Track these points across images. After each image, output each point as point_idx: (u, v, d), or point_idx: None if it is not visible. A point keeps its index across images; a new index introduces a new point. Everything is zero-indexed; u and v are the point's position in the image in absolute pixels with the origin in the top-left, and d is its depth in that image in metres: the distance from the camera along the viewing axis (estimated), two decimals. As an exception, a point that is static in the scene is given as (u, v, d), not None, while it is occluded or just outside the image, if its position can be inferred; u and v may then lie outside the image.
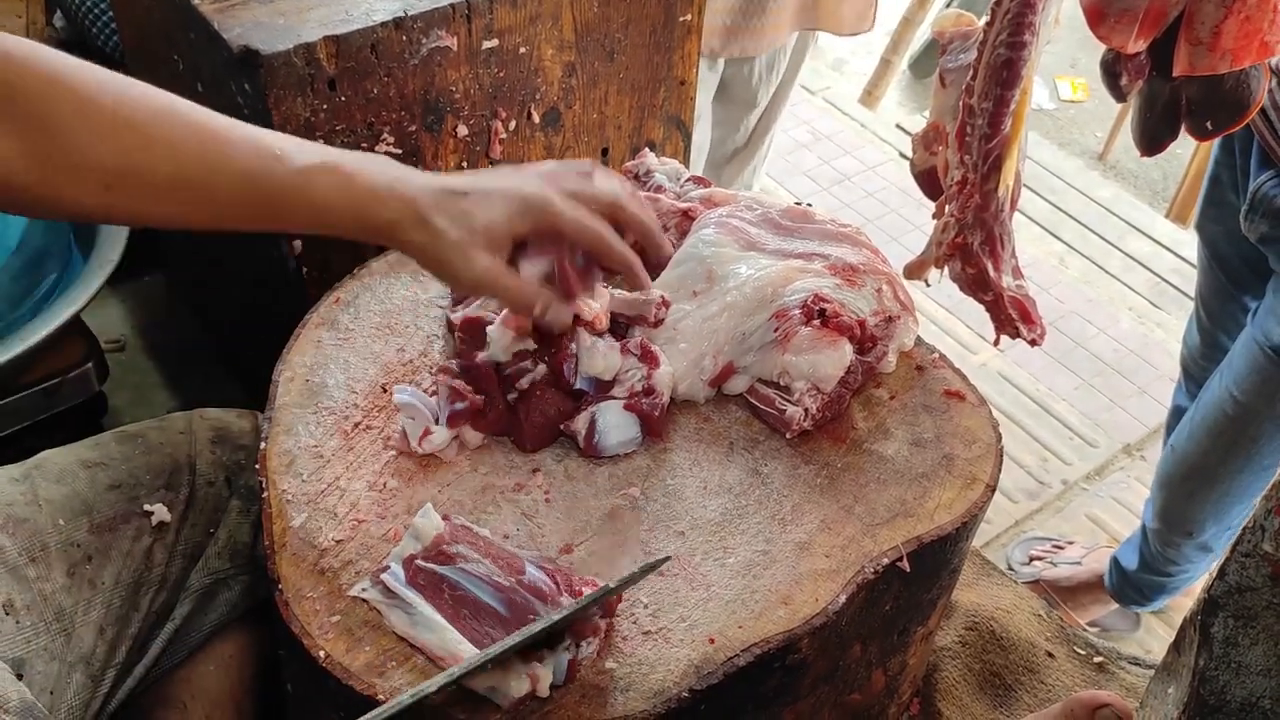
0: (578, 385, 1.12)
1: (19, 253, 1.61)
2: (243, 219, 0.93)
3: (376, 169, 0.96)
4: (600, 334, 1.13)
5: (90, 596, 1.04)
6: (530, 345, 1.11)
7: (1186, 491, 1.98)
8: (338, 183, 0.93)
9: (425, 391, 1.12)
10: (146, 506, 1.10)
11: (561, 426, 1.12)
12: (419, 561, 0.95)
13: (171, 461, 1.14)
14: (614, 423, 1.10)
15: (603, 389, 1.12)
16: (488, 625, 0.93)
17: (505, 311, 1.12)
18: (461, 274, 0.99)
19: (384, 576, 0.95)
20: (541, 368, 1.14)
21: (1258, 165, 1.66)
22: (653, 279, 1.16)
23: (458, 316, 1.17)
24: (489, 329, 1.12)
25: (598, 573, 1.00)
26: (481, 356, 1.11)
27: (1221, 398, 1.85)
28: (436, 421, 1.08)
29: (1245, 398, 1.80)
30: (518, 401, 1.11)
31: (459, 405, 1.08)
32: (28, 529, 1.04)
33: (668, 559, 0.99)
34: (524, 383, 1.11)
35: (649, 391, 1.12)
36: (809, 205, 1.30)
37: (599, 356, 1.12)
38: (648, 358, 1.13)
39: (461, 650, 0.90)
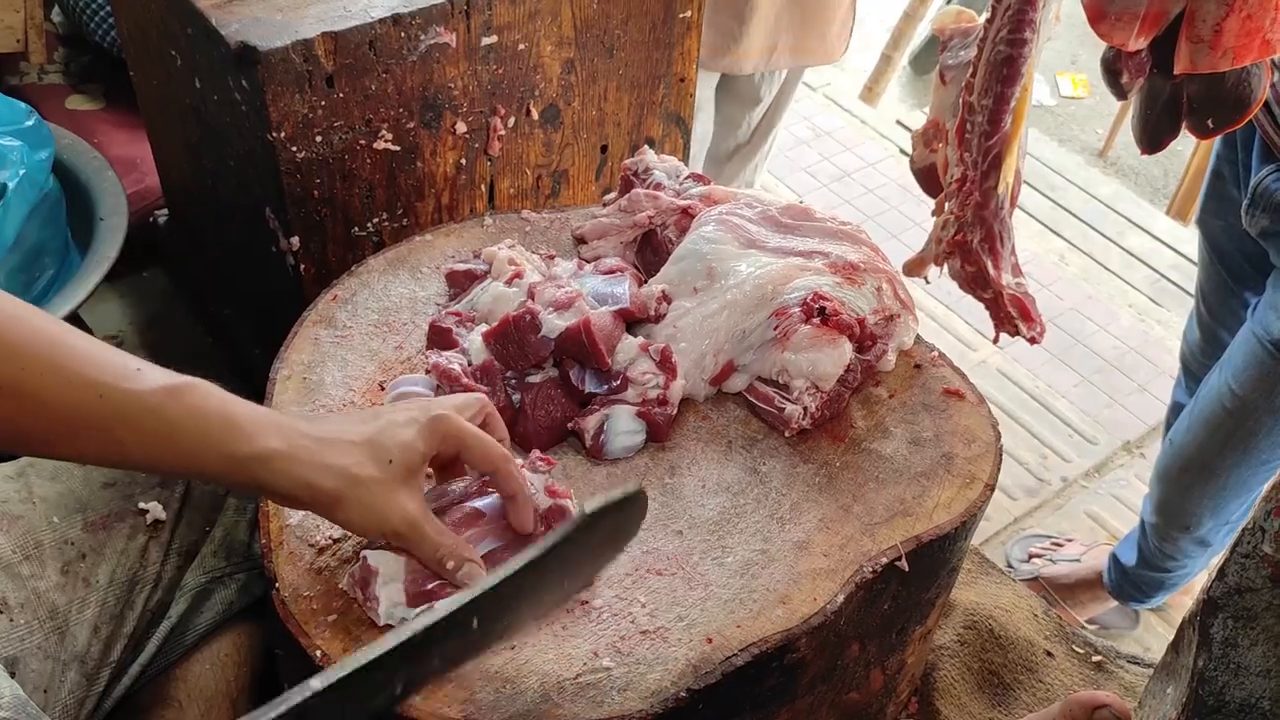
0: (588, 390, 1.12)
1: (16, 249, 1.60)
2: (87, 440, 0.83)
3: (248, 403, 0.87)
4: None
5: (85, 595, 1.04)
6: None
7: (1184, 485, 1.99)
8: (198, 403, 0.84)
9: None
10: (141, 504, 1.09)
11: (570, 424, 1.12)
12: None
13: None
14: (623, 428, 1.10)
15: (615, 390, 1.12)
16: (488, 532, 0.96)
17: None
18: (386, 520, 0.89)
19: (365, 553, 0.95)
20: (552, 370, 1.14)
21: (1259, 160, 1.66)
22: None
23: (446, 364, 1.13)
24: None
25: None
26: None
27: (1220, 391, 1.85)
28: None
29: (1243, 391, 1.80)
30: (525, 400, 1.10)
31: (466, 382, 1.09)
32: (21, 526, 1.03)
33: (639, 490, 0.91)
34: (533, 380, 1.11)
35: (663, 402, 1.12)
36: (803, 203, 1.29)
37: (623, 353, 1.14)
38: (666, 367, 1.13)
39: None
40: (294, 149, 1.30)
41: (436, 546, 0.92)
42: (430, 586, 0.94)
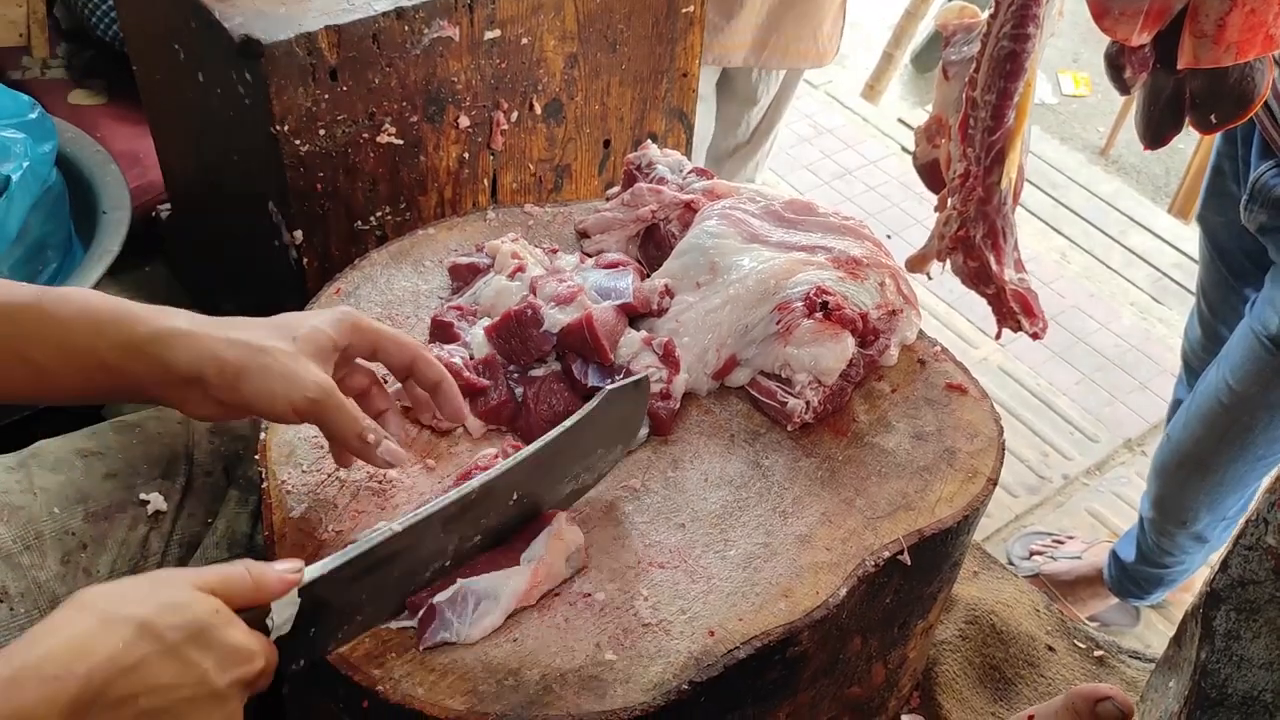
0: (590, 384, 1.12)
1: (19, 242, 1.61)
2: (86, 381, 0.86)
3: (146, 305, 0.88)
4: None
5: (85, 585, 1.04)
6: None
7: (1181, 480, 1.99)
8: (93, 300, 0.84)
9: None
10: (143, 495, 1.09)
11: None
12: None
13: (169, 451, 1.14)
14: None
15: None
16: None
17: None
18: (295, 388, 0.87)
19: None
20: (555, 364, 1.14)
21: (1258, 156, 1.66)
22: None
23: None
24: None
25: (596, 565, 1.00)
26: None
27: (1217, 386, 1.85)
28: None
29: (1240, 386, 1.80)
30: (528, 393, 1.11)
31: (468, 375, 1.10)
32: (22, 516, 1.03)
33: (645, 378, 1.06)
34: (536, 374, 1.11)
35: (665, 395, 1.12)
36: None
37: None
38: (669, 361, 1.13)
39: None
40: (297, 142, 1.30)
41: (356, 418, 0.91)
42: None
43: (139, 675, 0.70)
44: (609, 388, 1.01)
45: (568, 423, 0.98)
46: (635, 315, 1.18)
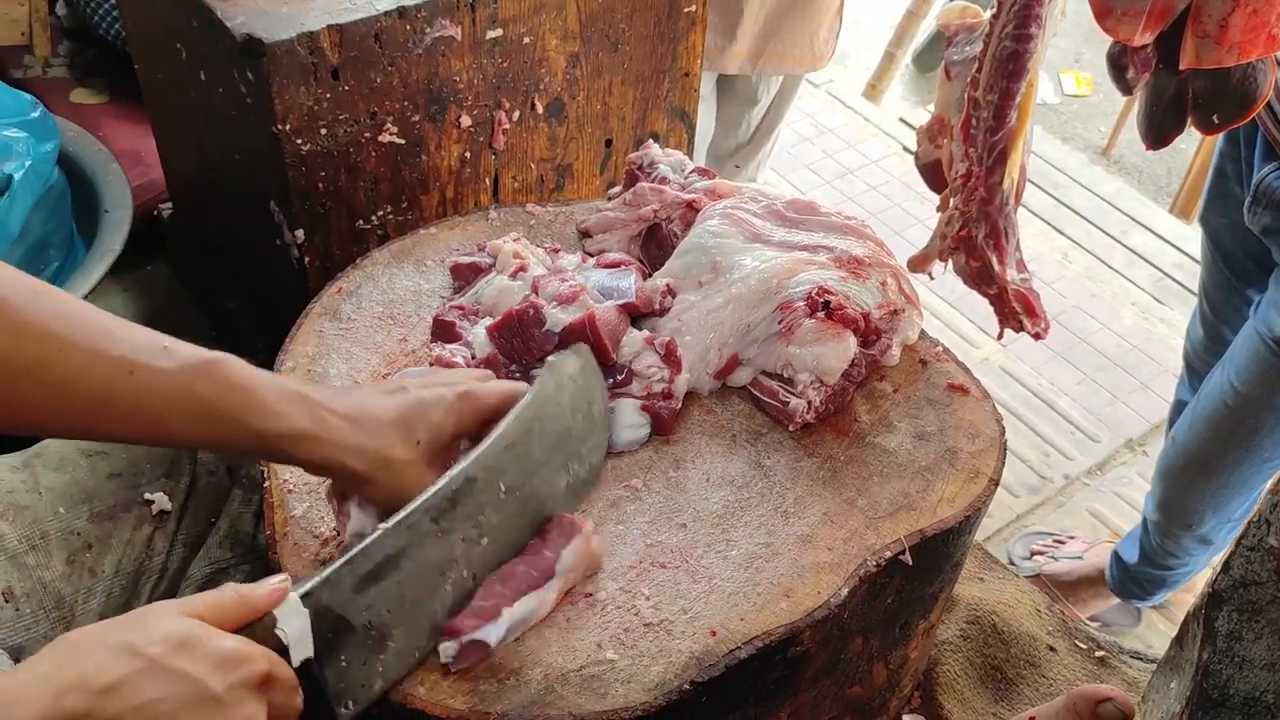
0: None
1: (21, 241, 1.61)
2: (117, 417, 0.83)
3: (279, 378, 0.88)
4: None
5: (90, 585, 1.04)
6: None
7: (1186, 482, 1.99)
8: (229, 379, 0.84)
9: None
10: (147, 495, 1.10)
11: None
12: None
13: (172, 451, 1.14)
14: (628, 421, 1.10)
15: (620, 383, 1.12)
16: None
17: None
18: (408, 495, 0.90)
19: None
20: None
21: (1261, 157, 1.66)
22: None
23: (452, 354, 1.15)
24: None
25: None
26: None
27: (1222, 389, 1.85)
28: None
29: (1245, 389, 1.80)
30: None
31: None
32: (28, 516, 1.04)
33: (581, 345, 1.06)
34: (538, 373, 1.11)
35: (667, 395, 1.12)
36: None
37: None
38: (671, 360, 1.13)
39: None
40: (299, 142, 1.30)
41: None
42: None
43: (122, 695, 0.69)
44: (550, 358, 1.03)
45: (521, 401, 0.98)
46: (637, 315, 1.18)
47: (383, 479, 0.89)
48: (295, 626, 0.79)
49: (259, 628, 0.78)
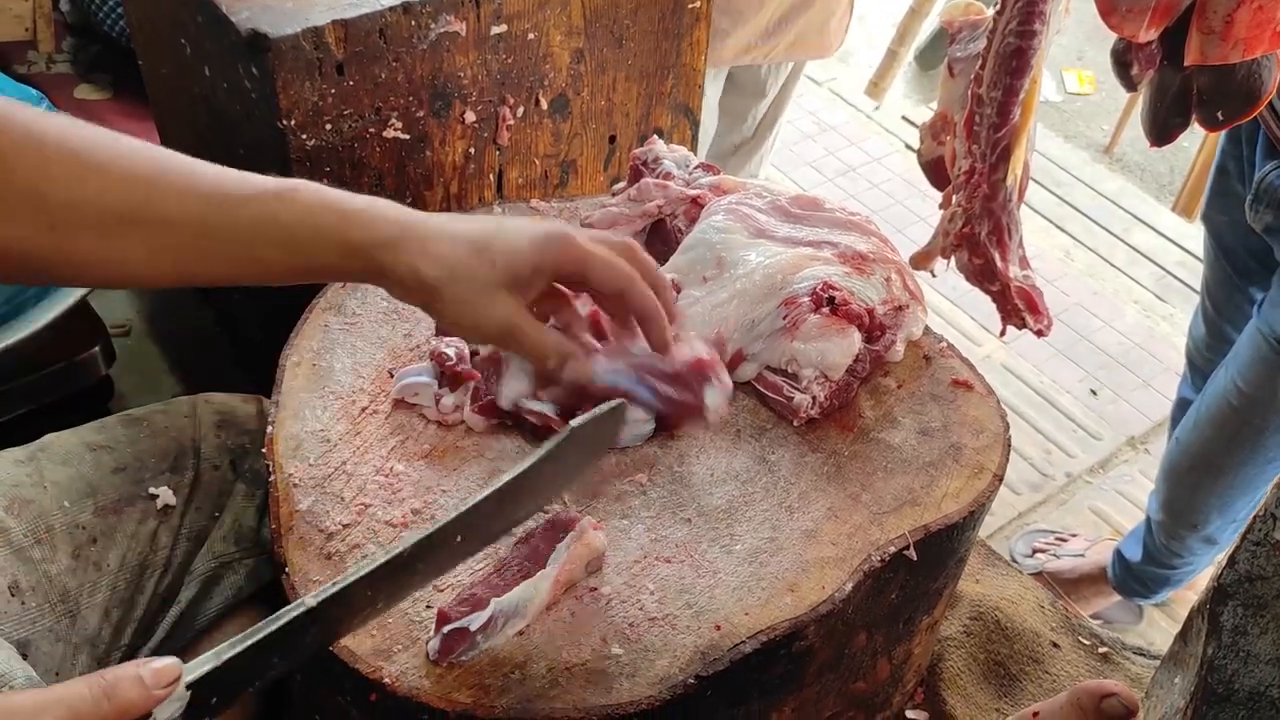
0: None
1: (25, 236, 1.61)
2: (210, 260, 0.84)
3: (359, 196, 0.87)
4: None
5: (95, 579, 1.04)
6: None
7: (1191, 483, 1.99)
8: (314, 201, 0.84)
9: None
10: (151, 490, 1.10)
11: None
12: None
13: (176, 445, 1.14)
14: (632, 416, 1.10)
15: None
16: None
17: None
18: (482, 320, 0.87)
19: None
20: None
21: (1263, 155, 1.66)
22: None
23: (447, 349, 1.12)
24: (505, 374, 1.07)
25: (605, 557, 1.00)
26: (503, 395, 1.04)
27: (1226, 389, 1.85)
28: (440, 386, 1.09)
29: (1250, 389, 1.80)
30: None
31: (461, 368, 1.09)
32: (33, 510, 1.04)
33: (621, 404, 0.95)
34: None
35: None
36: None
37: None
38: None
39: None
40: (304, 137, 1.30)
41: (537, 346, 0.90)
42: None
43: None
44: (573, 424, 0.90)
45: (524, 464, 0.87)
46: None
47: (450, 292, 0.86)
48: (168, 712, 0.71)
49: None
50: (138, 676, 0.69)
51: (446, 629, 0.90)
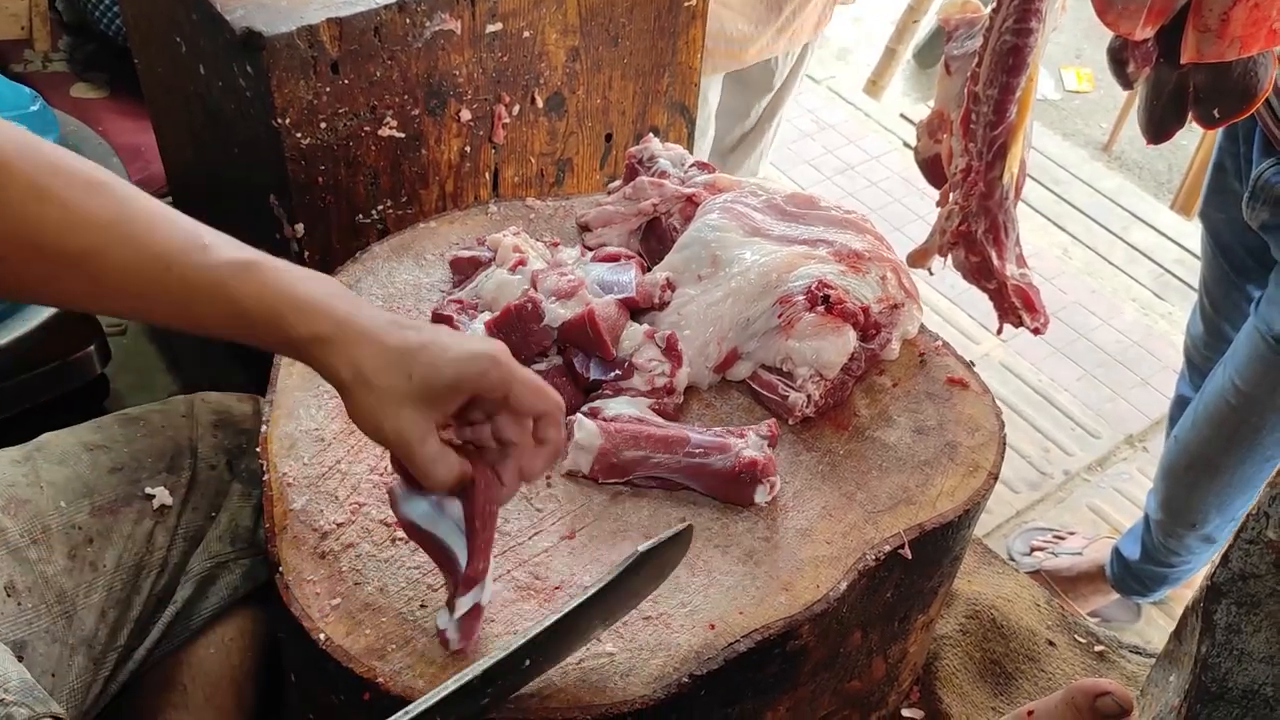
0: (592, 378, 1.12)
1: (21, 235, 1.60)
2: (152, 312, 0.86)
3: (313, 281, 0.87)
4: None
5: (92, 579, 1.04)
6: None
7: (1189, 482, 1.98)
8: (263, 282, 0.84)
9: None
10: (148, 489, 1.09)
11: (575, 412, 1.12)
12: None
13: (173, 445, 1.14)
14: (629, 415, 1.10)
15: (620, 378, 1.12)
16: None
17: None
18: (380, 429, 0.88)
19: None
20: (556, 358, 1.14)
21: (1259, 153, 1.66)
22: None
23: None
24: None
25: (598, 558, 1.00)
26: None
27: (1224, 387, 1.84)
28: None
29: (1248, 387, 1.80)
30: None
31: None
32: (29, 510, 1.03)
33: (688, 527, 0.96)
34: (538, 369, 1.11)
35: (669, 390, 1.12)
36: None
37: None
38: (673, 354, 1.13)
39: None
40: (298, 135, 1.30)
41: (423, 467, 0.89)
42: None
43: None
44: (640, 549, 0.91)
45: (592, 589, 0.90)
46: (636, 309, 1.18)
47: (357, 396, 0.87)
48: None
49: None
50: None
51: (458, 615, 0.90)
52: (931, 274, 1.28)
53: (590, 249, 1.29)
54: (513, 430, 0.92)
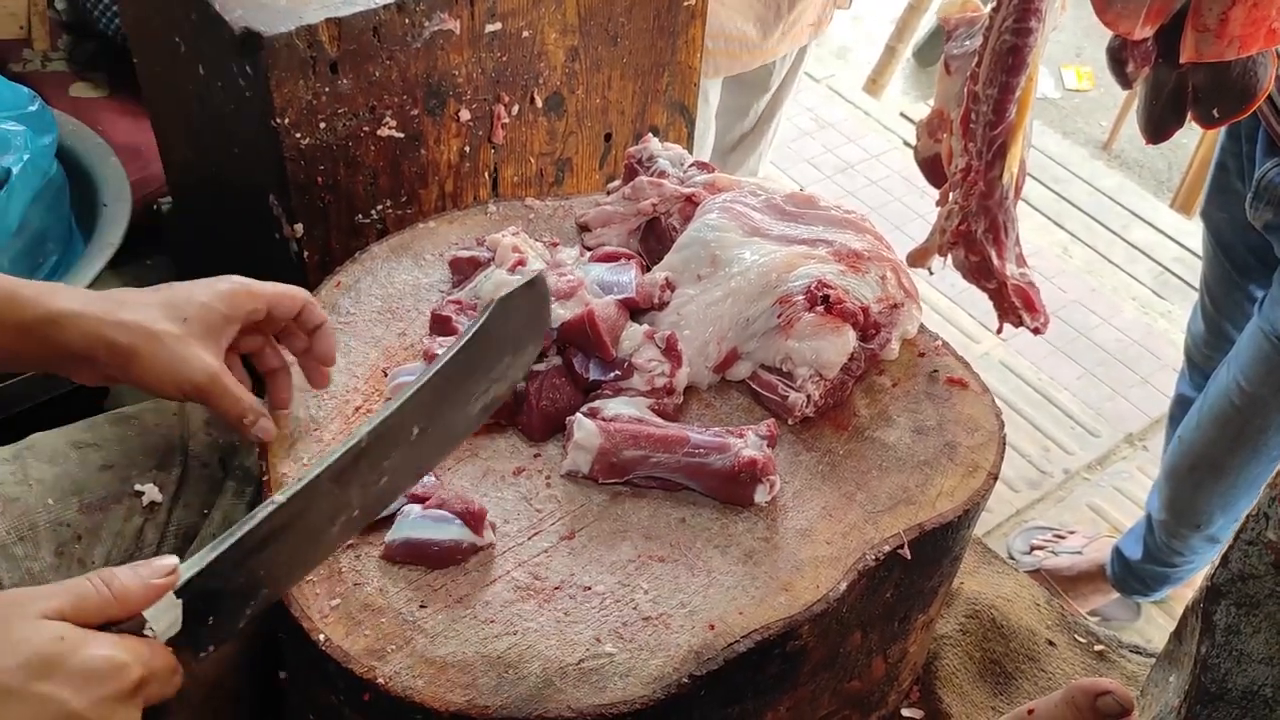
0: (591, 378, 1.12)
1: (20, 234, 1.61)
2: None
3: (33, 282, 0.88)
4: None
5: (79, 575, 1.04)
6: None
7: (1194, 482, 1.98)
8: None
9: None
10: (137, 486, 1.09)
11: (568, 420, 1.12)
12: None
13: (164, 442, 1.14)
14: (629, 415, 1.10)
15: (620, 378, 1.12)
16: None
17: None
18: (182, 376, 0.88)
19: None
20: (556, 358, 1.14)
21: (1263, 152, 1.66)
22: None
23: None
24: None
25: (597, 558, 1.00)
26: None
27: (1228, 388, 1.84)
28: None
29: (1252, 387, 1.80)
30: (529, 389, 1.10)
31: None
32: (17, 508, 1.03)
33: (539, 276, 1.01)
34: (538, 369, 1.11)
35: (669, 390, 1.12)
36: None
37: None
38: (672, 354, 1.13)
39: None
40: (298, 135, 1.30)
41: (238, 400, 0.93)
42: None
43: None
44: (498, 297, 0.96)
45: (459, 341, 0.93)
46: (636, 309, 1.18)
47: (148, 352, 0.88)
48: (164, 621, 0.76)
49: (127, 624, 0.75)
50: (134, 569, 0.74)
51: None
52: (931, 273, 1.28)
53: (589, 249, 1.29)
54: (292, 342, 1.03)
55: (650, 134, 1.42)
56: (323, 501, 0.84)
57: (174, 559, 0.77)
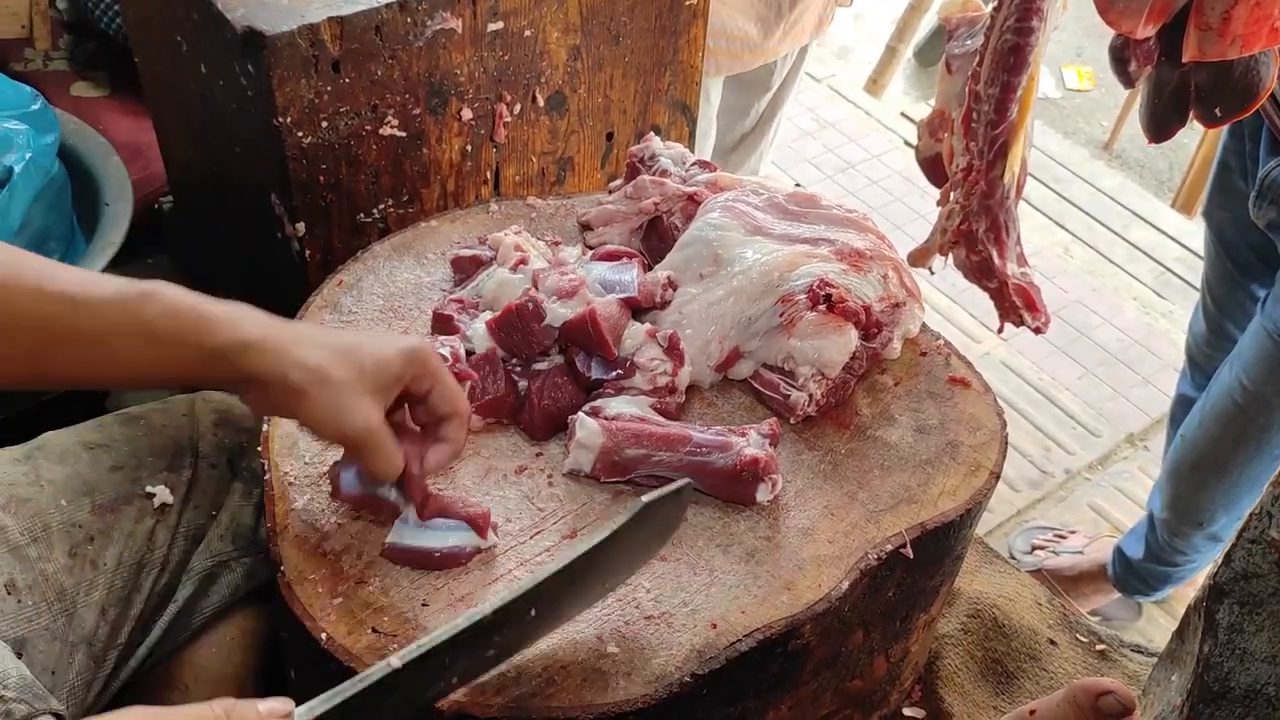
0: (593, 377, 1.12)
1: (21, 233, 1.60)
2: (66, 361, 0.85)
3: (215, 300, 0.88)
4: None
5: (92, 577, 1.04)
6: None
7: (1196, 481, 1.98)
8: (176, 302, 0.86)
9: None
10: (149, 488, 1.09)
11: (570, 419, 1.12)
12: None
13: (174, 443, 1.14)
14: (630, 414, 1.10)
15: (622, 377, 1.12)
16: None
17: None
18: (345, 423, 0.89)
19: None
20: (557, 357, 1.14)
21: (1267, 151, 1.66)
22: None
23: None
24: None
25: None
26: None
27: (1231, 386, 1.84)
28: None
29: (1255, 386, 1.80)
30: (531, 388, 1.10)
31: (457, 368, 1.08)
32: (30, 509, 1.03)
33: (687, 482, 1.00)
34: (539, 368, 1.11)
35: (671, 389, 1.12)
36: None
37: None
38: (674, 353, 1.13)
39: None
40: (300, 134, 1.30)
41: (390, 458, 0.93)
42: None
43: None
44: (645, 500, 0.92)
45: (596, 538, 0.90)
46: (638, 308, 1.18)
47: (319, 397, 0.88)
48: None
49: None
50: (255, 708, 0.75)
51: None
52: (932, 273, 1.28)
53: (591, 248, 1.29)
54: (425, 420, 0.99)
55: (652, 133, 1.42)
56: (433, 665, 0.85)
57: (290, 703, 0.78)
